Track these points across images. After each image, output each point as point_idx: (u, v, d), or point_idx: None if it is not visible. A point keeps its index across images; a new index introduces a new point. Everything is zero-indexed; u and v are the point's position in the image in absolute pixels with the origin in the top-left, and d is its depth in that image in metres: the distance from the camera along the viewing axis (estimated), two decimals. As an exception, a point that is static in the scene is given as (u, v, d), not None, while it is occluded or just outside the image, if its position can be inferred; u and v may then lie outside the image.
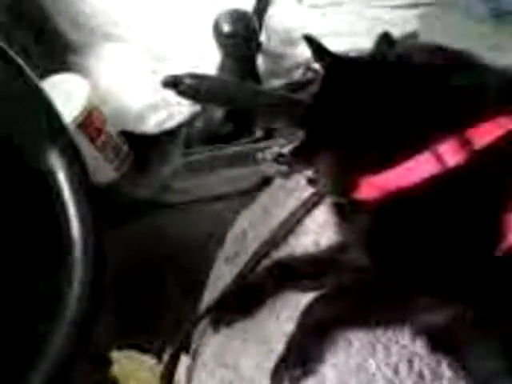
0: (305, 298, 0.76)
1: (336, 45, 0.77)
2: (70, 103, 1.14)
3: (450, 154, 0.66)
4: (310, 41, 0.75)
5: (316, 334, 0.73)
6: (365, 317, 0.73)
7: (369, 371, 0.71)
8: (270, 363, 0.74)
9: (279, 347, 0.74)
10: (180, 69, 0.93)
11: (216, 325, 0.85)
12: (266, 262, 0.87)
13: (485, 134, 0.66)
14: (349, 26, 1.07)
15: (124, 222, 1.12)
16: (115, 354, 1.13)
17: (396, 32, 0.79)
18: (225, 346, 0.83)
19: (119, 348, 1.13)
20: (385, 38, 0.79)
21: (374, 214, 0.70)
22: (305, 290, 0.80)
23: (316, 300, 0.73)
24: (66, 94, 1.15)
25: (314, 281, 0.81)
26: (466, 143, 0.66)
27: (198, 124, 1.19)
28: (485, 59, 0.72)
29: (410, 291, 0.68)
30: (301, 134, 0.78)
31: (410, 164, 0.67)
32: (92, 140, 1.17)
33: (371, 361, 0.71)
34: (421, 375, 0.70)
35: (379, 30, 0.78)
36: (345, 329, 0.73)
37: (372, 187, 0.70)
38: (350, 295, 0.73)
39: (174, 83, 0.77)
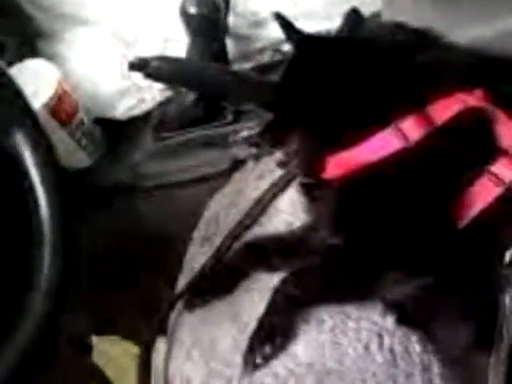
0: (277, 278, 0.77)
1: (304, 26, 0.77)
2: (40, 89, 1.13)
3: (412, 129, 0.67)
4: (280, 19, 0.75)
5: (287, 311, 0.73)
6: (335, 293, 0.74)
7: (340, 348, 0.72)
8: (245, 342, 0.75)
9: (253, 325, 0.75)
10: (149, 52, 0.93)
11: (191, 306, 0.85)
12: (239, 243, 0.88)
13: (445, 110, 0.67)
14: (316, 6, 1.07)
15: (97, 208, 1.12)
16: (94, 340, 1.13)
17: (364, 11, 0.79)
18: (200, 327, 0.83)
19: (97, 333, 1.13)
20: (352, 15, 0.79)
21: (340, 191, 0.71)
22: (277, 269, 0.81)
23: (287, 278, 0.74)
24: (36, 80, 1.14)
25: (286, 260, 0.82)
26: (427, 119, 0.67)
27: (170, 108, 1.19)
28: (446, 36, 0.73)
29: (377, 266, 0.69)
30: (269, 116, 0.79)
31: (373, 141, 0.68)
32: (64, 126, 1.17)
33: (342, 337, 0.73)
34: (391, 350, 0.71)
35: (344, 10, 0.78)
36: (316, 306, 0.74)
37: (337, 165, 0.71)
38: (319, 272, 0.74)
39: (141, 66, 0.77)
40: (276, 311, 0.74)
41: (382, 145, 0.68)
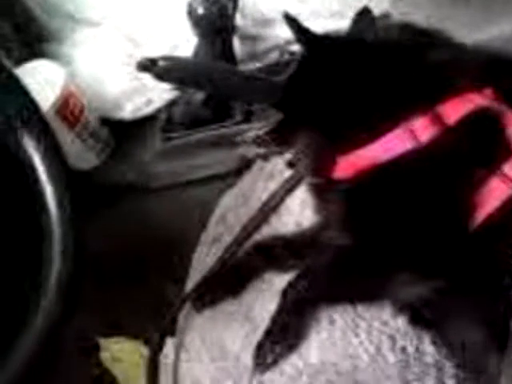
0: (287, 277, 0.77)
1: (312, 25, 0.76)
2: (46, 90, 1.13)
3: (422, 129, 0.66)
4: (289, 19, 0.74)
5: (298, 310, 0.73)
6: (346, 293, 0.74)
7: (352, 348, 0.72)
8: (254, 341, 0.75)
9: (264, 325, 0.75)
10: (157, 52, 0.92)
11: (200, 306, 0.85)
12: (248, 243, 0.87)
13: (455, 110, 0.67)
14: (323, 6, 1.07)
15: (106, 208, 1.12)
16: (102, 341, 1.13)
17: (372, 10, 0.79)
18: (210, 328, 0.84)
19: (105, 334, 1.13)
20: (364, 15, 0.78)
21: (351, 191, 0.71)
22: (287, 269, 0.81)
23: (297, 277, 0.74)
24: (43, 81, 1.14)
25: (296, 260, 0.81)
26: (437, 119, 0.66)
27: (177, 108, 1.18)
28: (455, 37, 0.73)
29: (388, 266, 0.69)
30: (278, 115, 0.78)
31: (383, 141, 0.68)
32: (71, 127, 1.17)
33: (354, 337, 0.72)
34: (404, 351, 0.71)
35: (354, 10, 0.77)
36: (326, 305, 0.74)
37: (348, 165, 0.70)
38: (330, 272, 0.74)
39: (148, 66, 0.76)
40: (286, 311, 0.73)
41: (392, 145, 0.68)
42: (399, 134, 0.67)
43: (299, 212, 0.87)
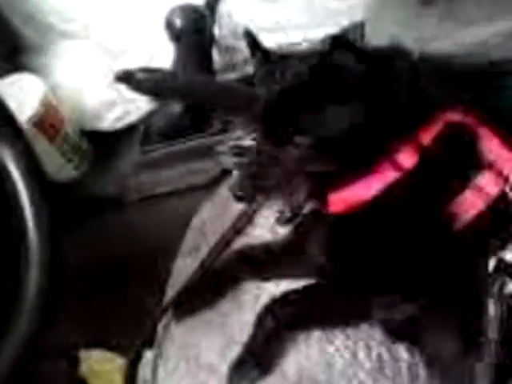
0: (264, 287, 0.77)
1: (288, 36, 0.77)
2: (25, 102, 1.13)
3: (406, 158, 0.68)
4: (249, 36, 0.75)
5: (274, 335, 0.73)
6: (324, 318, 0.74)
7: (328, 356, 0.72)
8: (232, 352, 0.75)
9: (240, 336, 0.75)
10: (135, 64, 0.93)
11: (178, 316, 0.85)
12: (226, 254, 0.88)
13: (429, 130, 0.68)
14: (299, 17, 1.08)
15: (85, 220, 1.12)
16: (82, 353, 1.12)
17: (344, 21, 0.80)
18: (187, 338, 0.83)
19: (86, 346, 1.13)
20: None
21: (335, 224, 0.72)
22: (264, 279, 0.81)
23: (274, 301, 0.74)
24: (22, 94, 1.14)
25: (272, 270, 0.82)
26: (418, 144, 0.68)
27: (156, 119, 1.19)
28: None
29: (369, 291, 0.70)
30: (256, 126, 0.78)
31: (372, 176, 0.69)
32: (50, 139, 1.17)
33: (329, 346, 0.73)
34: (379, 358, 0.72)
35: (328, 20, 0.78)
36: (303, 330, 0.74)
37: (339, 201, 0.71)
38: (308, 298, 0.74)
39: (126, 78, 0.76)
40: (263, 336, 0.73)
41: (380, 179, 0.69)
42: (386, 167, 0.68)
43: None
